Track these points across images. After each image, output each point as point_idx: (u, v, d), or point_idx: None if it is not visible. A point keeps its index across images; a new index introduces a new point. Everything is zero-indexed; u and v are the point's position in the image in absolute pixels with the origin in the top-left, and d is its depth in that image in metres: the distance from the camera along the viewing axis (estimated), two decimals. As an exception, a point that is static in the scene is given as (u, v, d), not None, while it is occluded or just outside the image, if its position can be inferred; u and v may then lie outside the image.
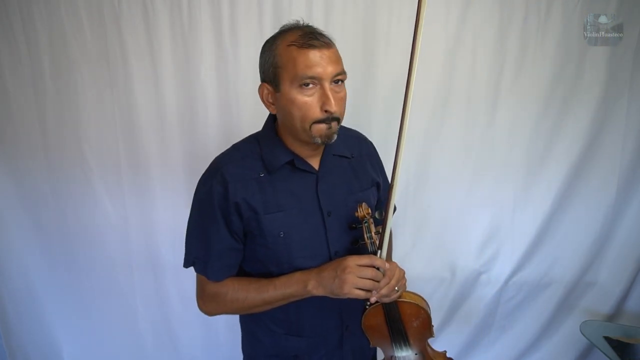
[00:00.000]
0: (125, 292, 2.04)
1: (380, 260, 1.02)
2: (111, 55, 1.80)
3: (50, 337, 2.10)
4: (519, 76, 1.86)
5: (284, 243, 1.08)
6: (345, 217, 1.13)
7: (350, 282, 0.98)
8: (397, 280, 1.04)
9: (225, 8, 1.76)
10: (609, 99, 1.87)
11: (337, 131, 1.03)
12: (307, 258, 1.10)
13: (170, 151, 1.89)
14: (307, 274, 1.06)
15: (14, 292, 2.02)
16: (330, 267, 1.03)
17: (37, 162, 1.90)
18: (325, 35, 1.01)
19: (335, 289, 1.00)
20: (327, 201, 1.11)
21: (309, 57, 0.96)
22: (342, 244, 1.13)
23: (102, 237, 1.97)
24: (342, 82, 1.02)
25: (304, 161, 1.09)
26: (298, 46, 0.97)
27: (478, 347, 2.17)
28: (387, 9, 1.78)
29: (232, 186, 1.05)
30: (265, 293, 1.08)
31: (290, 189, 1.08)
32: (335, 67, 0.98)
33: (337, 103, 0.99)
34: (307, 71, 0.96)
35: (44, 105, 1.85)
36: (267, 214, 1.06)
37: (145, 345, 2.12)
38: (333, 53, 1.00)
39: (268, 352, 1.21)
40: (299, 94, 0.98)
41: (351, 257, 1.01)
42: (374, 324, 1.17)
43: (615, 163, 1.93)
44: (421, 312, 1.17)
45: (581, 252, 2.03)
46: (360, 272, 0.99)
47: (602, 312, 2.09)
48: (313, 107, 0.99)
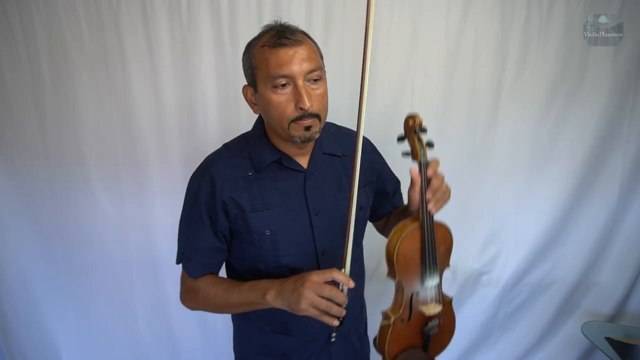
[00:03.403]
0: (124, 292, 2.03)
1: (344, 276, 0.96)
2: (110, 56, 1.79)
3: (48, 337, 2.10)
4: (521, 77, 1.85)
5: (270, 241, 1.08)
6: (335, 216, 1.12)
7: (308, 298, 0.93)
8: (442, 190, 1.03)
9: (224, 8, 1.75)
10: (612, 100, 1.86)
11: (319, 130, 1.02)
12: (293, 256, 1.10)
13: (170, 151, 1.89)
14: (271, 283, 1.03)
15: (12, 293, 2.01)
16: (293, 279, 0.99)
17: (36, 162, 1.90)
18: (300, 32, 1.02)
19: (292, 303, 0.95)
20: (315, 200, 1.11)
21: (280, 56, 0.96)
22: (331, 242, 1.12)
23: (101, 237, 1.97)
24: (319, 79, 1.01)
25: (291, 159, 1.09)
26: (269, 46, 0.98)
27: (480, 348, 2.16)
28: (387, 8, 1.77)
29: (219, 185, 1.07)
30: (231, 295, 1.08)
31: (277, 188, 1.09)
32: (309, 64, 0.97)
33: (314, 100, 0.99)
34: (278, 70, 0.96)
35: (43, 105, 1.85)
36: (254, 212, 1.07)
37: (144, 346, 2.11)
38: (306, 50, 0.99)
39: (257, 350, 1.22)
40: (274, 94, 0.99)
41: (315, 272, 0.96)
42: (408, 250, 1.06)
43: (618, 164, 1.92)
44: (449, 236, 1.13)
45: (583, 253, 2.03)
46: (320, 289, 0.93)
47: (604, 313, 2.08)
48: (288, 106, 0.98)
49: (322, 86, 1.02)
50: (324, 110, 1.03)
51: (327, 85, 1.06)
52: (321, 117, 1.02)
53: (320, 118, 1.02)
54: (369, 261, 2.01)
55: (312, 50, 1.01)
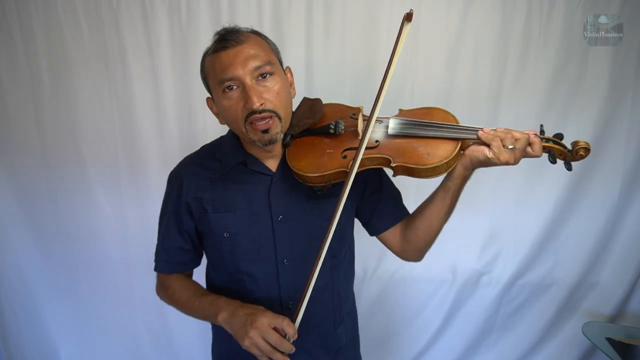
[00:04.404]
0: (123, 292, 2.03)
1: (292, 329, 0.93)
2: (109, 56, 1.79)
3: (47, 338, 2.09)
4: (521, 76, 1.85)
5: (228, 244, 1.06)
6: (302, 225, 1.06)
7: (253, 338, 0.91)
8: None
9: (224, 7, 1.75)
10: (612, 99, 1.86)
11: (281, 130, 0.98)
12: (251, 262, 1.07)
13: (169, 151, 1.88)
14: (228, 304, 1.01)
15: (11, 293, 2.01)
16: (246, 311, 0.96)
17: (35, 163, 1.90)
18: (243, 31, 0.99)
19: (238, 336, 0.94)
20: (280, 205, 1.05)
21: (222, 59, 0.94)
22: (295, 252, 1.06)
23: (100, 238, 1.97)
24: (270, 74, 0.96)
25: (257, 162, 1.06)
26: (212, 52, 0.97)
27: (480, 348, 2.15)
28: (387, 8, 1.77)
29: (185, 185, 1.08)
30: (192, 303, 1.08)
31: (242, 190, 1.06)
32: (254, 61, 0.94)
33: (269, 96, 0.95)
34: (222, 74, 0.94)
35: (42, 106, 1.84)
36: (215, 213, 1.05)
37: (143, 346, 2.11)
38: (250, 47, 0.95)
39: (232, 350, 1.16)
40: (224, 99, 0.96)
41: (268, 314, 0.94)
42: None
43: (618, 164, 1.92)
44: None
45: (583, 253, 2.02)
46: (267, 334, 0.91)
47: (605, 314, 2.08)
48: (237, 107, 0.95)
49: (277, 82, 0.97)
50: (282, 107, 0.98)
51: (291, 80, 1.05)
52: (280, 115, 0.97)
53: (280, 115, 0.97)
54: (368, 261, 2.02)
55: (258, 46, 0.97)
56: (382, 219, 1.15)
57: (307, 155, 1.02)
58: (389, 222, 1.15)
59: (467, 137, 0.97)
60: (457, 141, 0.97)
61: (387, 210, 1.15)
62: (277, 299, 1.08)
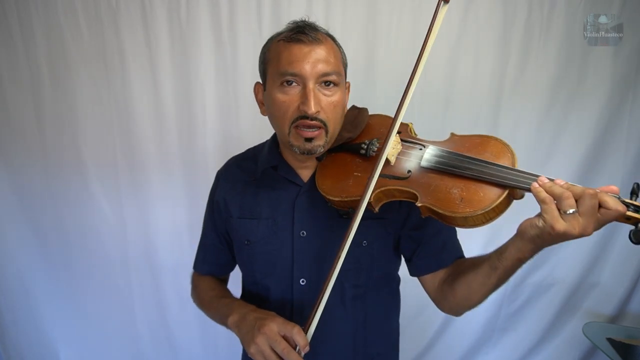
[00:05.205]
0: (122, 293, 2.02)
1: (303, 339, 0.82)
2: (109, 56, 1.79)
3: (46, 338, 2.08)
4: (522, 77, 1.85)
5: (247, 252, 1.02)
6: (327, 243, 0.96)
7: (259, 345, 0.83)
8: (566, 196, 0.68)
9: (224, 7, 1.75)
10: (612, 100, 1.85)
11: (324, 144, 0.90)
12: (266, 275, 1.01)
13: (168, 152, 1.88)
14: (241, 307, 0.95)
15: (10, 294, 2.00)
16: (257, 316, 0.89)
17: (35, 164, 1.90)
18: (322, 31, 0.93)
19: (245, 342, 0.87)
20: (304, 219, 0.97)
21: (293, 52, 0.87)
22: (316, 272, 0.97)
23: (99, 238, 1.96)
24: (335, 85, 0.90)
25: (290, 169, 0.99)
26: (285, 40, 0.89)
27: (480, 349, 2.15)
28: (387, 7, 1.77)
29: (221, 184, 1.07)
30: (213, 304, 1.05)
31: (271, 198, 1.00)
32: (324, 66, 0.87)
33: (324, 107, 0.88)
34: (288, 67, 0.87)
35: (42, 106, 1.84)
36: (241, 219, 1.02)
37: (142, 347, 2.10)
38: (325, 50, 0.88)
39: None
40: (280, 92, 0.89)
41: (278, 319, 0.86)
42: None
43: (619, 164, 1.92)
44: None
45: (584, 254, 2.02)
46: (275, 342, 0.82)
47: (605, 314, 2.07)
48: (291, 106, 0.88)
49: (337, 94, 0.90)
50: (333, 121, 0.90)
51: (347, 96, 0.97)
52: (329, 129, 0.90)
53: (328, 130, 0.90)
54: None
55: (332, 52, 0.90)
56: (420, 262, 1.01)
57: (334, 175, 0.92)
58: (424, 267, 1.01)
59: (517, 185, 0.74)
60: (504, 189, 0.76)
61: (427, 252, 1.00)
62: (288, 319, 0.95)
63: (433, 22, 0.82)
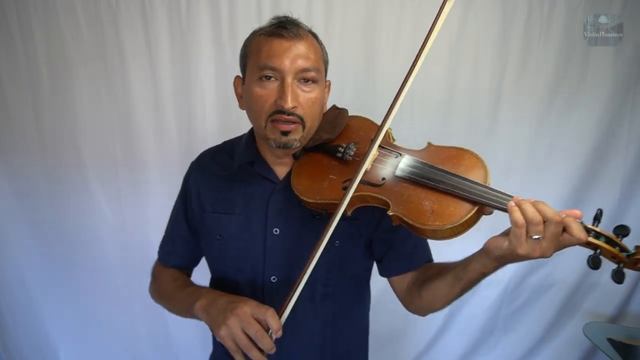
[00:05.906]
0: (122, 293, 2.02)
1: (277, 322, 0.80)
2: (109, 56, 1.79)
3: (46, 338, 2.08)
4: (522, 77, 1.85)
5: (219, 247, 1.00)
6: (300, 242, 0.95)
7: (231, 327, 0.79)
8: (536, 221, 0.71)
9: (224, 7, 1.75)
10: (613, 100, 1.85)
11: (300, 138, 0.90)
12: (237, 272, 0.99)
13: (168, 152, 1.88)
14: (210, 292, 0.92)
15: (10, 294, 2.00)
16: (229, 299, 0.86)
17: (34, 163, 1.90)
18: (303, 27, 0.93)
19: (214, 325, 0.83)
20: (277, 217, 0.96)
21: (273, 46, 0.87)
22: (287, 271, 0.96)
23: (99, 239, 1.96)
24: (313, 81, 0.90)
25: (265, 165, 0.99)
26: (266, 35, 0.90)
27: (481, 349, 2.15)
28: (387, 8, 1.77)
29: (194, 174, 1.06)
30: (177, 295, 1.01)
31: (245, 193, 0.99)
32: (304, 62, 0.87)
33: (302, 102, 0.88)
34: (267, 61, 0.87)
35: (41, 106, 1.84)
36: (214, 213, 1.01)
37: (142, 347, 2.10)
38: (305, 47, 0.89)
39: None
40: (258, 86, 0.89)
41: (252, 302, 0.82)
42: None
43: (619, 164, 1.92)
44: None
45: (584, 254, 2.01)
46: (248, 325, 0.79)
47: (605, 314, 2.07)
48: (268, 100, 0.88)
49: (316, 91, 0.91)
50: (310, 118, 0.90)
51: (326, 95, 0.97)
52: (306, 124, 0.90)
53: (305, 125, 0.90)
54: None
55: (313, 49, 0.91)
56: (390, 264, 1.03)
57: (309, 175, 0.92)
58: (393, 270, 1.04)
59: (488, 203, 0.76)
60: (474, 204, 0.77)
61: (397, 256, 1.02)
62: None
63: (438, 16, 0.83)
